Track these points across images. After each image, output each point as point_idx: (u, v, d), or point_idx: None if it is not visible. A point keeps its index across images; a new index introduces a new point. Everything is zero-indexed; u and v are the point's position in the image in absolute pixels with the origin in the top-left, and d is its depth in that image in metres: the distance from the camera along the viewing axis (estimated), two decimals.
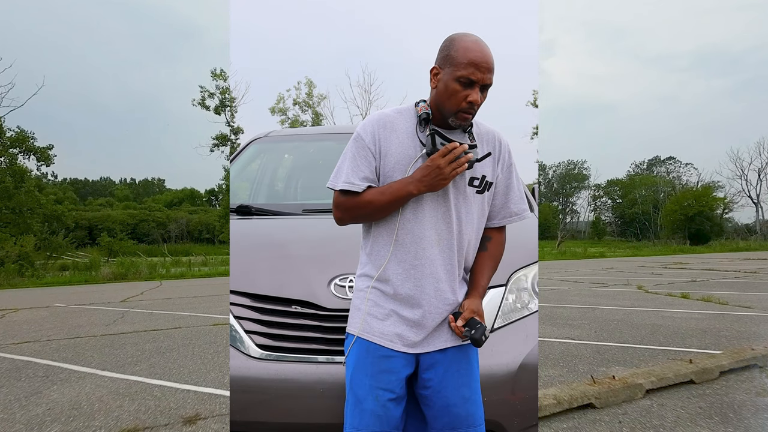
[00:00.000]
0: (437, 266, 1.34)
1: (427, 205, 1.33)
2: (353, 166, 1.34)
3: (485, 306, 1.77)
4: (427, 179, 1.26)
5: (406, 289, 1.34)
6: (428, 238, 1.33)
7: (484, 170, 1.37)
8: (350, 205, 1.34)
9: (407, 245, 1.34)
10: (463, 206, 1.35)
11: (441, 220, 1.34)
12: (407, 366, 1.35)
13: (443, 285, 1.35)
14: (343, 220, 1.39)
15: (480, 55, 1.26)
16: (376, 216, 1.34)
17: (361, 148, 1.35)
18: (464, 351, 1.38)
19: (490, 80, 1.28)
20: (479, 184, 1.36)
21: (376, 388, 1.32)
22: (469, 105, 1.27)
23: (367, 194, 1.32)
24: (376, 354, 1.34)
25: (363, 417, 1.33)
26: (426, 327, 1.35)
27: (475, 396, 1.37)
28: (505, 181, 1.43)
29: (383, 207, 1.31)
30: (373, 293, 1.38)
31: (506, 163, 1.43)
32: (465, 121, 1.29)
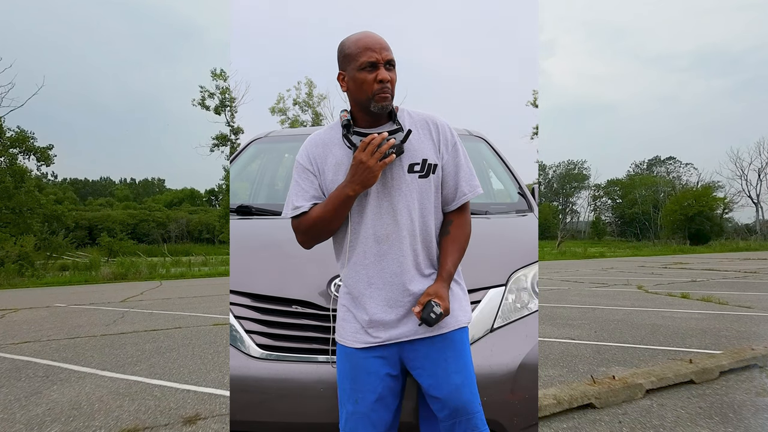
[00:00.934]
0: (391, 261, 1.34)
1: (369, 204, 1.34)
2: (297, 191, 1.39)
3: (485, 306, 1.78)
4: (357, 177, 1.27)
5: (364, 288, 1.36)
6: (377, 235, 1.34)
7: (424, 153, 1.36)
8: (304, 227, 1.37)
9: (359, 246, 1.36)
10: (407, 195, 1.34)
11: (386, 215, 1.34)
12: (386, 364, 1.36)
13: (399, 279, 1.34)
14: (305, 242, 1.42)
15: (370, 39, 1.30)
16: (330, 227, 1.35)
17: (301, 172, 1.40)
18: (448, 339, 1.36)
19: (389, 56, 1.30)
20: (421, 168, 1.35)
21: (356, 391, 1.35)
22: (380, 84, 1.28)
23: (313, 211, 1.35)
24: (353, 357, 1.37)
25: (348, 420, 1.35)
26: (393, 323, 1.35)
27: (467, 381, 1.35)
28: (452, 161, 1.40)
29: (331, 217, 1.32)
30: (341, 298, 1.43)
31: (449, 142, 1.40)
32: (384, 101, 1.29)
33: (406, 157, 1.34)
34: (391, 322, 1.35)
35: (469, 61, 59.92)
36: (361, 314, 1.37)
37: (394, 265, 1.34)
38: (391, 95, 1.30)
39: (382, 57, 1.28)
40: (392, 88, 1.30)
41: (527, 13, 36.17)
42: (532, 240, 2.14)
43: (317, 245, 1.44)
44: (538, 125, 32.47)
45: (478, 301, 1.77)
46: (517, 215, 2.51)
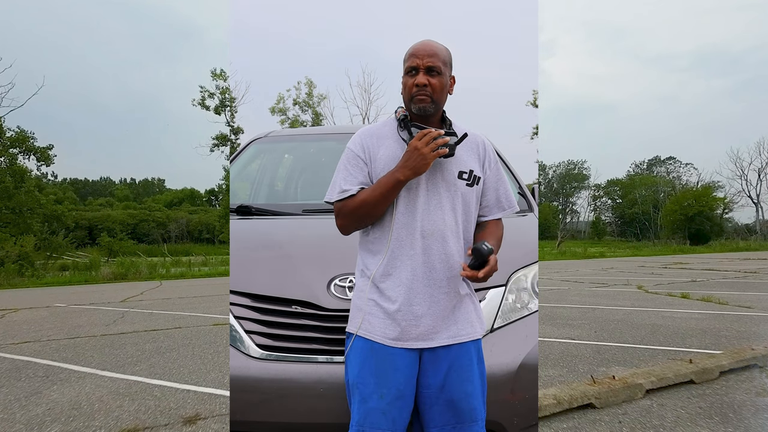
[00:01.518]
0: (434, 258, 1.37)
1: (419, 198, 1.38)
2: (345, 176, 1.43)
3: (485, 306, 1.78)
4: (410, 162, 1.31)
5: (406, 283, 1.36)
6: (423, 229, 1.37)
7: (471, 165, 1.44)
8: (348, 209, 1.39)
9: (402, 239, 1.37)
10: (454, 197, 1.40)
11: (434, 212, 1.38)
12: (411, 364, 1.36)
13: (440, 275, 1.37)
14: (345, 227, 1.43)
15: (419, 46, 1.39)
16: (374, 213, 1.37)
17: (351, 158, 1.44)
18: (466, 348, 1.39)
19: (432, 62, 1.36)
20: (468, 178, 1.42)
21: (381, 386, 1.34)
22: (417, 88, 1.36)
23: (361, 194, 1.39)
24: (380, 352, 1.36)
25: (369, 415, 1.33)
26: (426, 321, 1.36)
27: (477, 392, 1.38)
28: (494, 177, 1.51)
29: (377, 201, 1.35)
30: (372, 292, 1.41)
31: (492, 161, 1.51)
32: (421, 103, 1.37)
33: (457, 164, 1.42)
34: (430, 322, 1.36)
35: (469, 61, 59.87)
36: (405, 309, 1.36)
37: (436, 261, 1.37)
38: (430, 98, 1.37)
39: (423, 62, 1.36)
40: (433, 92, 1.37)
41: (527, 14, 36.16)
42: (532, 240, 2.14)
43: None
44: (538, 125, 32.48)
45: (479, 301, 1.76)
46: (517, 215, 2.50)
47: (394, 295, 1.37)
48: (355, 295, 1.46)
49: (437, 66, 1.36)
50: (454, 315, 1.39)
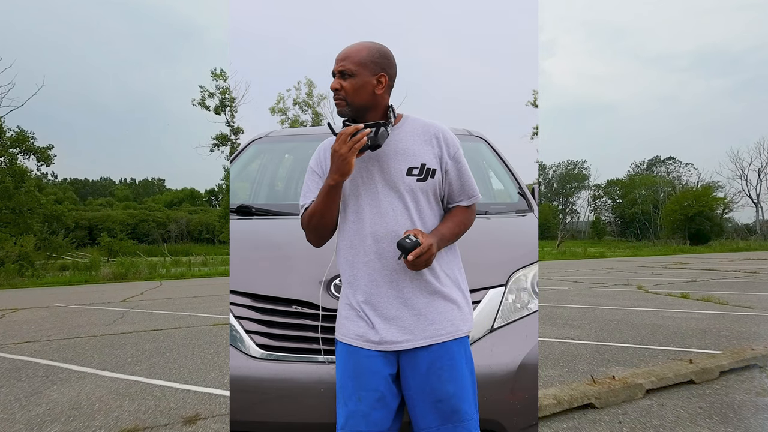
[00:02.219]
0: (391, 260, 1.36)
1: (366, 204, 1.39)
2: (305, 191, 1.49)
3: (485, 306, 1.78)
4: (333, 166, 1.32)
5: (366, 288, 1.38)
6: (375, 233, 1.37)
7: (423, 157, 1.41)
8: (304, 222, 1.46)
9: (357, 246, 1.39)
10: (404, 196, 1.38)
11: (386, 214, 1.37)
12: (388, 365, 1.36)
13: (401, 276, 1.36)
14: (309, 239, 1.49)
15: (340, 51, 1.39)
16: (323, 222, 1.41)
17: (309, 174, 1.51)
18: (447, 348, 1.37)
19: (343, 66, 1.36)
20: (419, 172, 1.40)
21: (358, 389, 1.35)
22: (334, 92, 1.38)
23: (310, 207, 1.43)
24: (356, 355, 1.37)
25: (349, 418, 1.35)
26: (397, 323, 1.36)
27: (462, 392, 1.36)
28: (455, 167, 1.46)
29: (321, 210, 1.39)
30: (344, 297, 1.45)
31: (451, 149, 1.45)
32: (338, 107, 1.38)
33: (405, 160, 1.39)
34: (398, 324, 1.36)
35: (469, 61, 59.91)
36: (372, 311, 1.37)
37: (393, 263, 1.36)
38: (345, 101, 1.37)
39: (336, 67, 1.37)
40: (347, 95, 1.36)
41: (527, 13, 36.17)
42: (532, 240, 2.14)
43: (318, 244, 1.46)
44: (538, 125, 32.47)
45: (478, 302, 1.77)
46: (517, 215, 2.51)
47: (362, 300, 1.39)
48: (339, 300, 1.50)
49: (347, 68, 1.36)
50: (430, 315, 1.37)
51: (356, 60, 1.36)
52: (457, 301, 1.42)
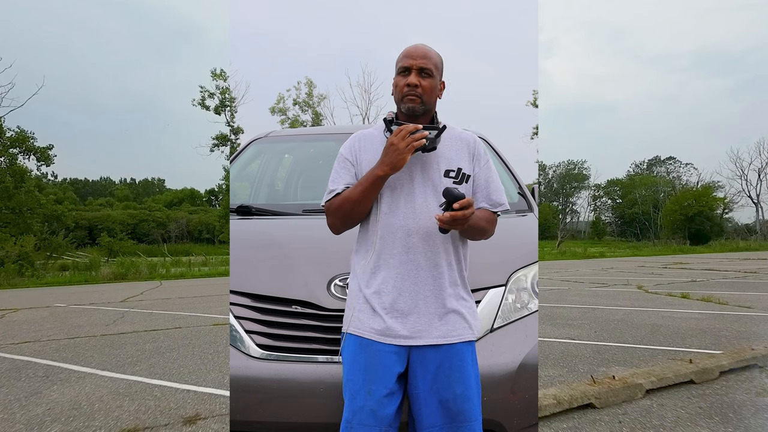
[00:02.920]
0: (419, 255, 1.38)
1: (402, 198, 1.40)
2: (334, 177, 1.49)
3: (485, 306, 1.78)
4: (387, 158, 1.33)
5: (390, 282, 1.38)
6: (406, 228, 1.38)
7: (460, 163, 1.46)
8: (333, 207, 1.44)
9: (386, 238, 1.40)
10: (439, 195, 1.39)
11: (419, 210, 1.39)
12: (399, 362, 1.37)
13: (425, 273, 1.38)
14: (334, 225, 1.47)
15: (413, 48, 1.42)
16: (357, 209, 1.40)
17: (340, 161, 1.51)
18: (456, 348, 1.39)
19: (425, 64, 1.39)
20: (456, 176, 1.43)
21: (369, 382, 1.35)
22: (408, 87, 1.39)
23: (345, 192, 1.43)
24: (369, 349, 1.38)
25: (356, 412, 1.34)
26: (413, 318, 1.37)
27: (468, 392, 1.38)
28: (484, 175, 1.51)
29: (359, 198, 1.38)
30: (357, 290, 1.45)
31: (482, 159, 1.51)
32: (411, 103, 1.39)
33: (444, 163, 1.44)
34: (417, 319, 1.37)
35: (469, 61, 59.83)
36: (393, 306, 1.38)
37: (422, 260, 1.38)
38: (420, 99, 1.39)
39: (416, 63, 1.39)
40: (424, 93, 1.39)
41: (527, 13, 36.20)
42: (532, 240, 2.14)
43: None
44: (538, 125, 32.49)
45: (478, 301, 1.76)
46: (517, 215, 2.51)
47: (381, 293, 1.39)
48: (348, 294, 1.50)
49: (429, 68, 1.39)
50: (445, 315, 1.39)
51: (435, 62, 1.42)
52: (469, 304, 1.46)
